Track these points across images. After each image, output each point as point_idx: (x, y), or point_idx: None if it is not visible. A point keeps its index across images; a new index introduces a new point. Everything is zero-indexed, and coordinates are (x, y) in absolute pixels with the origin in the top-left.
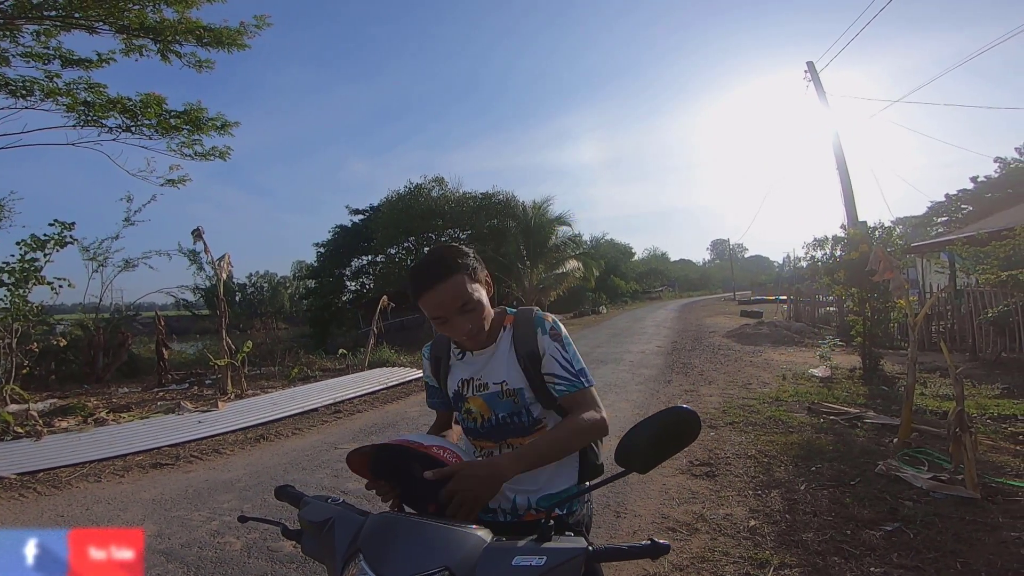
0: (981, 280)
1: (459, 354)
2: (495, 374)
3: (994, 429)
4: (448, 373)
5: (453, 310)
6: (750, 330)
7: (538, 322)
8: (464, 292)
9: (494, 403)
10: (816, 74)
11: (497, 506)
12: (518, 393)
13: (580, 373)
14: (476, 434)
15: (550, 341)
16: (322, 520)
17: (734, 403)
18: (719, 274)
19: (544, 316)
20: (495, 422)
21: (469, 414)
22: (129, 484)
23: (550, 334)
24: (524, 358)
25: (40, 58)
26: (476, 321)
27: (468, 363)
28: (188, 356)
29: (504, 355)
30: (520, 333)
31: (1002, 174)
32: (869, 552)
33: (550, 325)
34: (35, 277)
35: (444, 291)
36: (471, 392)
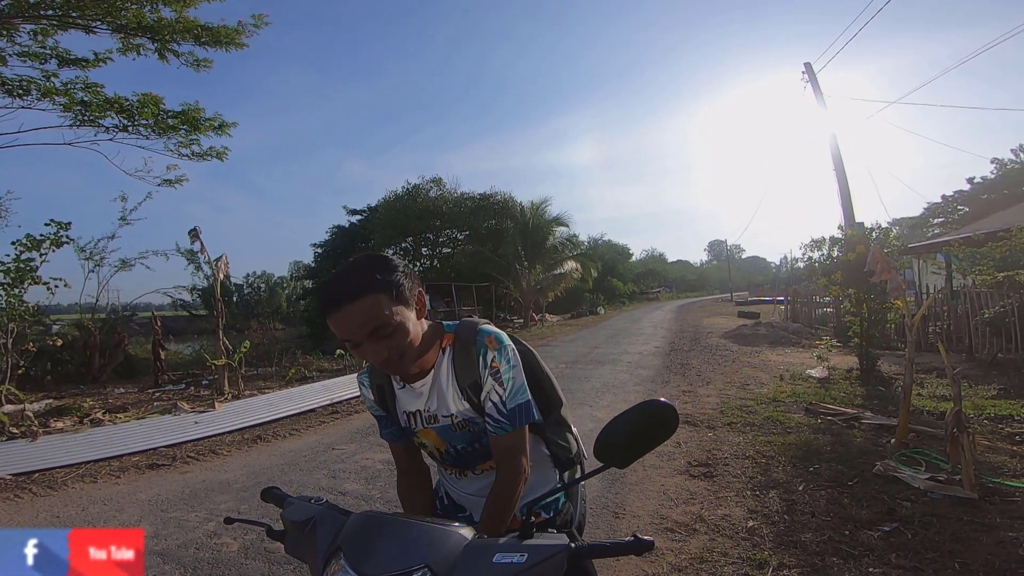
0: (977, 281)
1: (399, 383)
2: (442, 406)
3: (991, 429)
4: (394, 403)
5: (363, 335)
6: (747, 331)
7: (479, 348)
8: (379, 315)
9: (448, 436)
10: (814, 75)
11: (469, 515)
12: (471, 423)
13: (512, 414)
14: (440, 461)
15: (489, 377)
16: (304, 520)
17: (732, 404)
18: (716, 275)
19: (487, 339)
20: (455, 453)
21: (424, 447)
22: (125, 485)
23: (490, 368)
24: (467, 389)
25: (37, 57)
26: (395, 348)
27: (410, 393)
28: (185, 356)
29: (445, 385)
30: (460, 360)
31: (998, 175)
32: (867, 552)
33: (491, 356)
34: (31, 277)
35: (354, 312)
36: (421, 425)
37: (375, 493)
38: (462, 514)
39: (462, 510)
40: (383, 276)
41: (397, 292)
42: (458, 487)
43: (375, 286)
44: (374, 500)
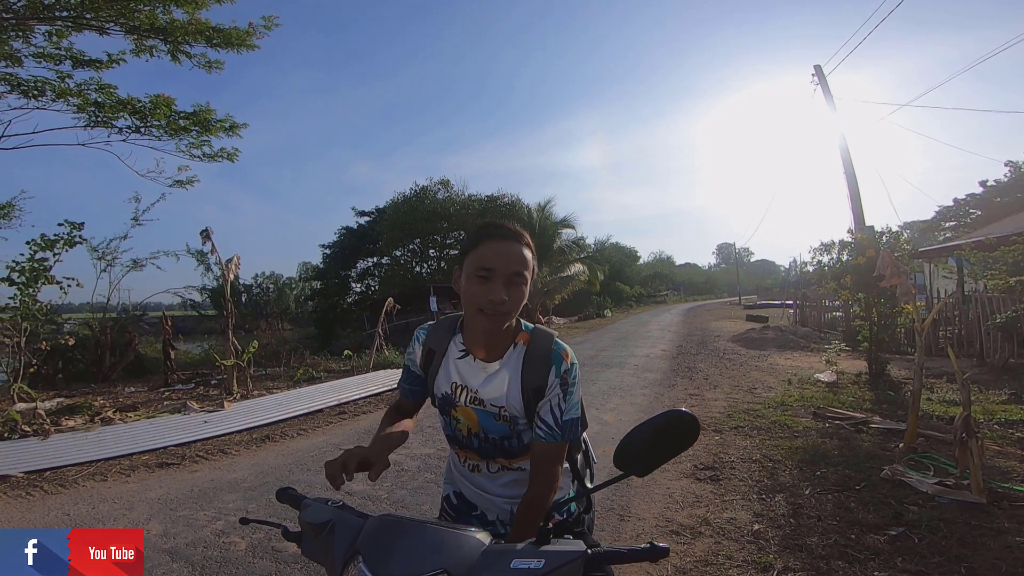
0: (989, 285)
1: (461, 352)
2: (495, 394)
3: (1001, 434)
4: (440, 369)
5: (508, 272)
6: (756, 334)
7: (555, 358)
8: (528, 265)
9: (487, 422)
10: (824, 78)
11: (495, 517)
12: (513, 420)
13: (566, 426)
14: (461, 444)
15: (557, 387)
16: (322, 522)
17: (739, 407)
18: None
19: (563, 352)
20: (484, 439)
21: (456, 422)
22: (135, 483)
23: (561, 378)
24: (529, 391)
25: (52, 59)
26: (513, 299)
27: (468, 367)
28: (194, 356)
29: (508, 379)
30: (532, 364)
31: (1012, 178)
32: (873, 557)
33: (565, 367)
34: (44, 276)
35: (515, 250)
36: (464, 401)
37: (381, 493)
38: (474, 512)
39: (473, 508)
40: (532, 247)
41: (534, 264)
42: (469, 482)
43: (530, 245)
44: (380, 500)
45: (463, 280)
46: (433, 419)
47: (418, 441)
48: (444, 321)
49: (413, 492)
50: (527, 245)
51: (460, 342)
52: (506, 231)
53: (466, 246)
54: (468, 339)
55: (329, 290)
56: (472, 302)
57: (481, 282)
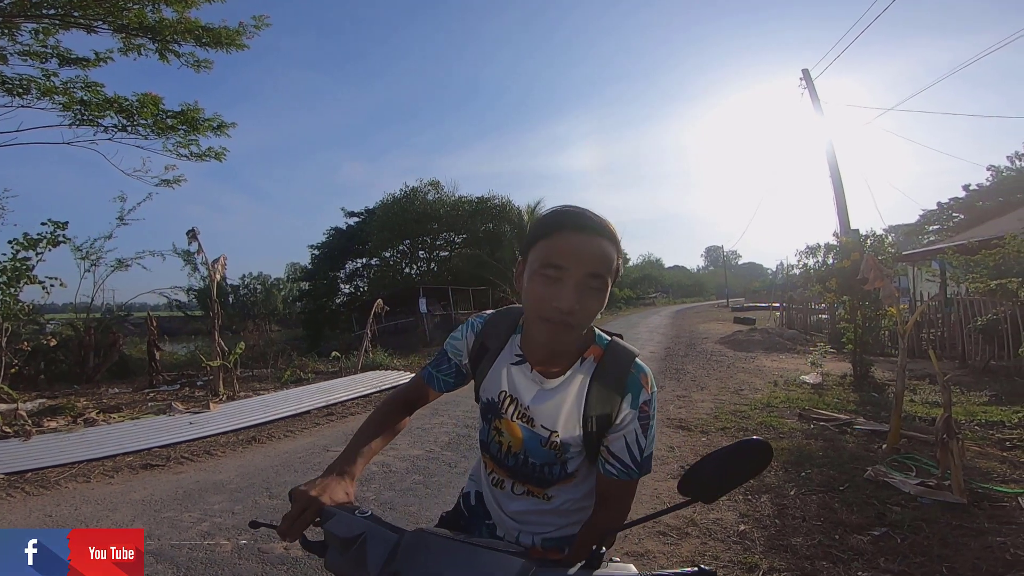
0: (971, 288)
1: (518, 357)
2: (548, 416)
3: (982, 435)
4: (490, 371)
5: (583, 272)
6: (743, 336)
7: (632, 385)
8: (608, 265)
9: (532, 444)
10: (811, 82)
11: (503, 534)
12: (564, 447)
13: (644, 463)
14: (493, 457)
15: (635, 420)
16: (353, 536)
17: (726, 409)
18: (713, 280)
19: (643, 377)
20: (521, 461)
21: (498, 433)
22: (119, 485)
23: (639, 410)
24: (592, 420)
25: (38, 56)
26: (586, 307)
27: (523, 377)
28: (180, 357)
29: (569, 402)
30: (602, 387)
31: (994, 182)
32: (857, 557)
33: (644, 398)
34: (27, 276)
35: (594, 245)
36: (512, 415)
37: (369, 495)
38: (487, 520)
39: (487, 516)
40: (619, 242)
41: (619, 265)
42: (494, 494)
43: (616, 242)
44: (367, 502)
45: (525, 277)
46: (424, 419)
47: (406, 442)
48: (506, 313)
49: (401, 494)
50: (612, 240)
51: (518, 344)
52: (588, 221)
53: (534, 235)
54: (527, 344)
55: (317, 291)
56: (534, 306)
57: (547, 283)
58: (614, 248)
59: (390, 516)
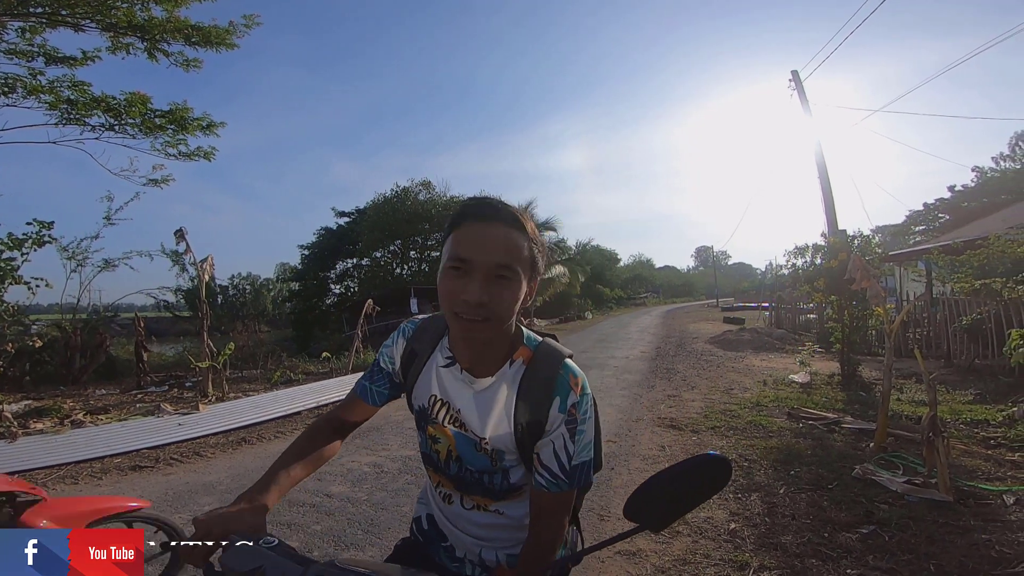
0: (956, 288)
1: (447, 360)
2: (478, 421)
3: (967, 434)
4: (421, 376)
5: (489, 263)
6: (732, 336)
7: (560, 387)
8: (517, 254)
9: (464, 448)
10: (800, 83)
11: (463, 555)
12: (497, 454)
13: (574, 472)
14: (435, 468)
15: (562, 425)
16: (249, 570)
17: (716, 408)
18: (703, 281)
19: (571, 380)
20: (461, 471)
21: (433, 442)
22: (107, 486)
23: (567, 414)
24: (522, 425)
25: (24, 55)
26: (498, 299)
27: (453, 379)
28: (168, 358)
29: (498, 406)
30: (530, 391)
31: (978, 183)
32: (846, 554)
33: (572, 400)
34: (11, 277)
35: (500, 234)
36: (444, 420)
37: (361, 495)
38: (444, 543)
39: (444, 538)
40: (533, 233)
41: (533, 256)
42: (444, 512)
43: (527, 230)
44: (360, 503)
45: (439, 272)
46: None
47: (398, 443)
48: (434, 320)
49: (393, 494)
50: (521, 229)
51: (447, 347)
52: (492, 210)
53: (445, 231)
54: (454, 345)
55: (308, 291)
56: (445, 301)
57: (455, 276)
58: (524, 237)
59: (382, 517)
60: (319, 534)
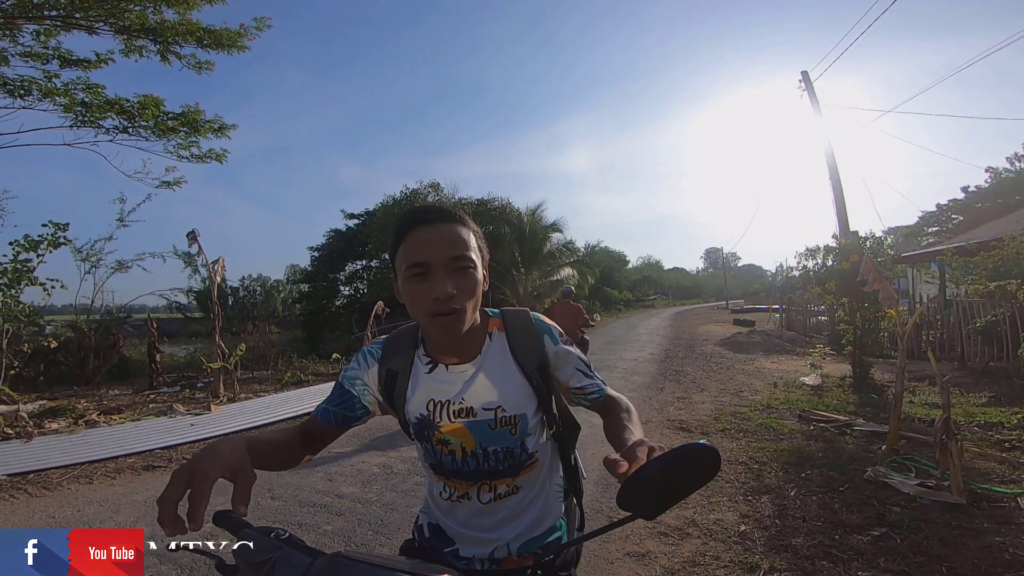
0: (970, 290)
1: (428, 365)
2: (485, 395)
3: (981, 436)
4: (408, 391)
5: (445, 258)
6: (742, 338)
7: (543, 328)
8: (467, 244)
9: (483, 434)
10: (810, 83)
11: (471, 554)
12: (518, 421)
13: (596, 371)
14: (451, 471)
15: (565, 349)
16: (261, 560)
17: (726, 410)
18: (712, 283)
19: (547, 321)
20: (481, 458)
21: (445, 446)
22: (121, 486)
23: (562, 341)
24: (534, 374)
25: (39, 58)
26: (465, 289)
27: (442, 379)
28: (180, 359)
29: (498, 370)
30: (520, 341)
31: (992, 184)
32: (857, 557)
33: (559, 331)
34: (27, 278)
35: (445, 231)
36: (449, 418)
37: (371, 496)
38: (448, 548)
39: (450, 543)
40: (473, 225)
41: (479, 244)
42: (452, 514)
43: (467, 223)
44: (370, 503)
45: (400, 284)
46: None
47: (406, 442)
48: (400, 335)
49: (403, 495)
50: (463, 224)
51: (424, 354)
52: (434, 213)
53: (392, 247)
54: (432, 348)
55: (317, 293)
56: (416, 307)
57: (417, 281)
58: (467, 229)
59: (392, 517)
60: (329, 534)
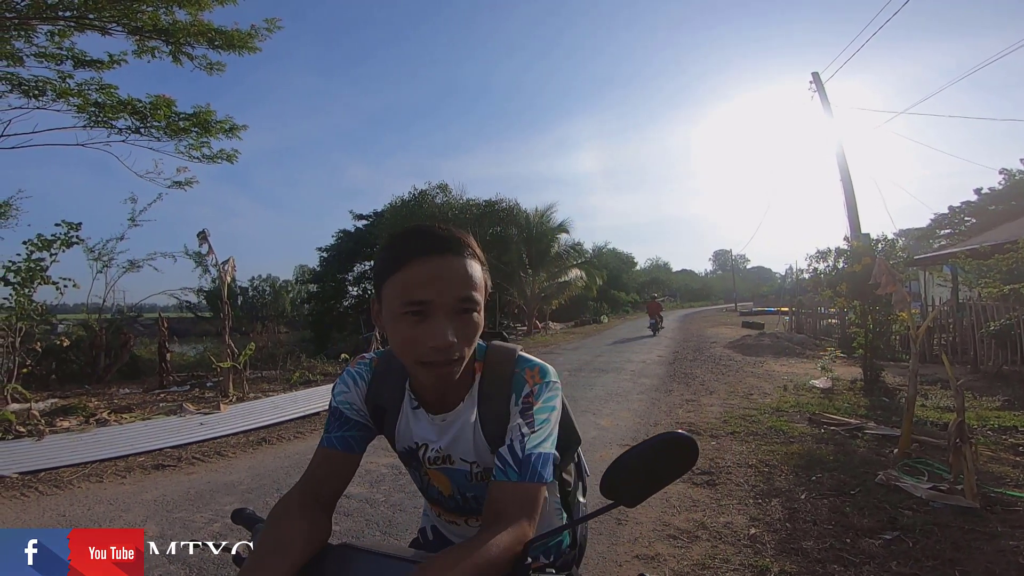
0: (983, 293)
1: (414, 403)
2: (462, 449)
3: (994, 440)
4: (396, 425)
5: (450, 300)
6: (751, 341)
7: (516, 385)
8: (477, 284)
9: (460, 482)
10: (821, 85)
11: None
12: (489, 472)
13: (526, 462)
14: (434, 502)
15: (519, 416)
16: None
17: (735, 413)
18: (721, 285)
19: (527, 374)
20: (460, 500)
21: (428, 481)
22: (131, 485)
23: (522, 404)
24: (493, 439)
25: (53, 58)
26: (467, 335)
27: (423, 422)
28: (190, 358)
29: (470, 424)
30: (489, 398)
31: (1006, 186)
32: (868, 560)
33: (527, 390)
34: (41, 277)
35: (457, 266)
36: (431, 462)
37: (379, 496)
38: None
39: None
40: (481, 254)
41: (485, 278)
42: (450, 530)
43: (476, 254)
44: (378, 503)
45: (385, 318)
46: None
47: None
48: (390, 362)
49: (411, 496)
50: (473, 257)
51: (410, 390)
52: (442, 241)
53: (383, 269)
54: (416, 390)
55: (325, 293)
56: (406, 351)
57: (414, 322)
58: (476, 262)
59: (400, 518)
60: (338, 534)
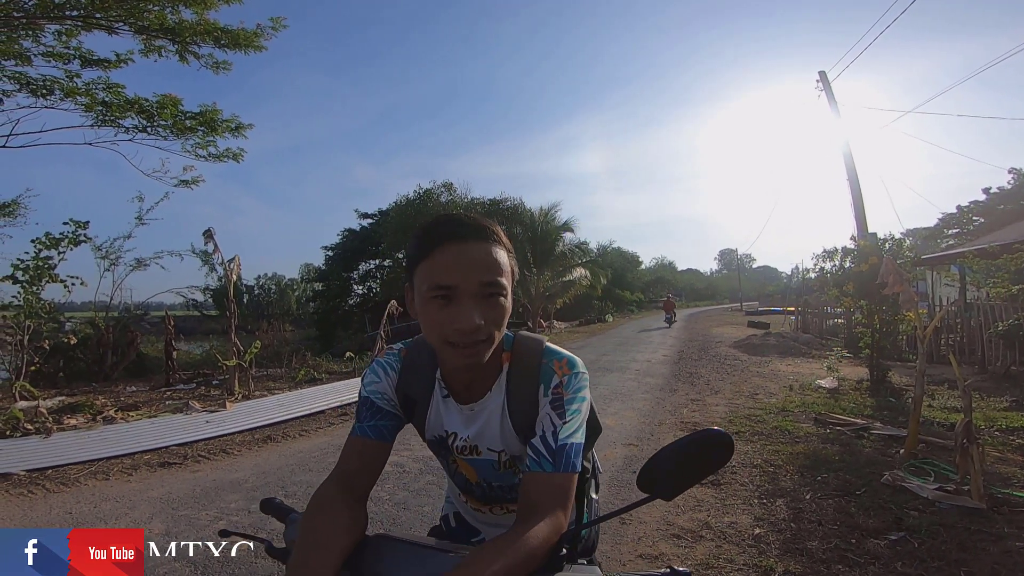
0: (991, 293)
1: (444, 392)
2: (489, 438)
3: (1002, 441)
4: (427, 414)
5: (475, 284)
6: (757, 340)
7: (544, 375)
8: (503, 268)
9: (487, 472)
10: (828, 84)
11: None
12: (519, 461)
13: (559, 452)
14: (462, 488)
15: (549, 407)
16: None
17: (740, 413)
18: (726, 284)
19: (555, 364)
20: (486, 488)
21: (455, 468)
22: (137, 482)
23: (551, 395)
24: (522, 428)
25: (61, 58)
26: (493, 319)
27: (452, 411)
28: (196, 356)
29: (497, 414)
30: (517, 389)
31: (1015, 185)
32: (874, 561)
33: (556, 382)
34: (49, 275)
35: (480, 252)
36: (459, 451)
37: (383, 495)
38: (474, 538)
39: (476, 533)
40: (507, 241)
41: (512, 264)
42: (475, 517)
43: (502, 241)
44: (382, 502)
45: (416, 304)
46: None
47: (419, 442)
48: (417, 354)
49: (415, 494)
50: (499, 243)
51: (440, 378)
52: (467, 227)
53: (413, 257)
54: (446, 376)
55: (331, 292)
56: (435, 333)
57: (441, 306)
58: (501, 248)
59: (404, 516)
60: None
